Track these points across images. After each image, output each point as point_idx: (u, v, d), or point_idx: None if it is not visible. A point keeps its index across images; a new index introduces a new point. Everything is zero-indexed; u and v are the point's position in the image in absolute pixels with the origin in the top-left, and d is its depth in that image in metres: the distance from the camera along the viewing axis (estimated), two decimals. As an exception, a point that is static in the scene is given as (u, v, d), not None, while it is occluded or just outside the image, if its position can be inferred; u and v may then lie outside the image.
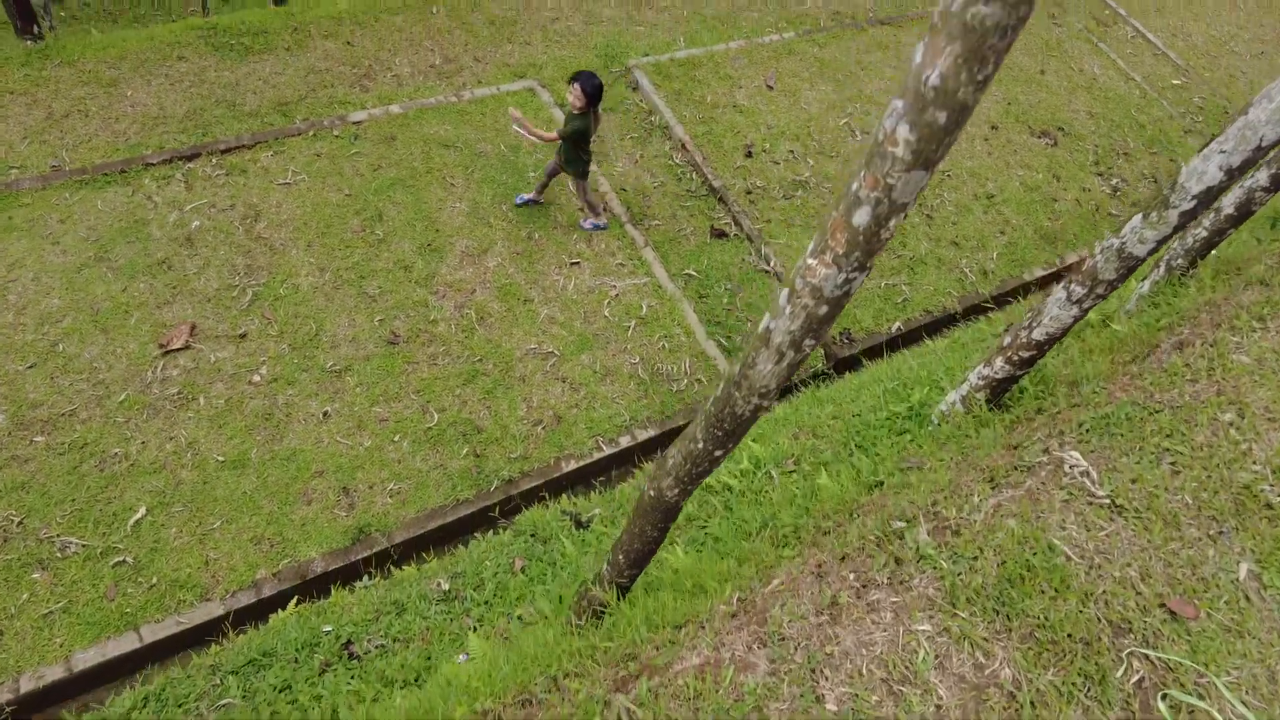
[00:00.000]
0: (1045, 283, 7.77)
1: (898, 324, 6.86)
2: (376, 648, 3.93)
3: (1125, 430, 2.60)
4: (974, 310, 7.21)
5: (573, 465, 5.68)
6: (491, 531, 4.75)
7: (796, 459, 4.11)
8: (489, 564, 4.29)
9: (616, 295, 6.62)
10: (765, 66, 8.97)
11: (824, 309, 1.37)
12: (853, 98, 8.90)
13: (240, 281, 6.10)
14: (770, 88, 8.66)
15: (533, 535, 4.53)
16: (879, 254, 1.32)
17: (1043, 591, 2.09)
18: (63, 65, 7.38)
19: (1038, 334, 3.33)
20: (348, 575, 5.07)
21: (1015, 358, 3.44)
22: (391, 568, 4.88)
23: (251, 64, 7.74)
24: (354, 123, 7.34)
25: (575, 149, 6.20)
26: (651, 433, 5.92)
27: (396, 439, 5.56)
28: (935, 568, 2.19)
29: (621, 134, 7.92)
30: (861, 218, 1.24)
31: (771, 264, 7.03)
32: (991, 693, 2.00)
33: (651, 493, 2.08)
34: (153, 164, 6.74)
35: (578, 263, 6.79)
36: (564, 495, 5.22)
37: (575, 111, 5.91)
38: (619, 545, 2.41)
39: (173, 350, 5.70)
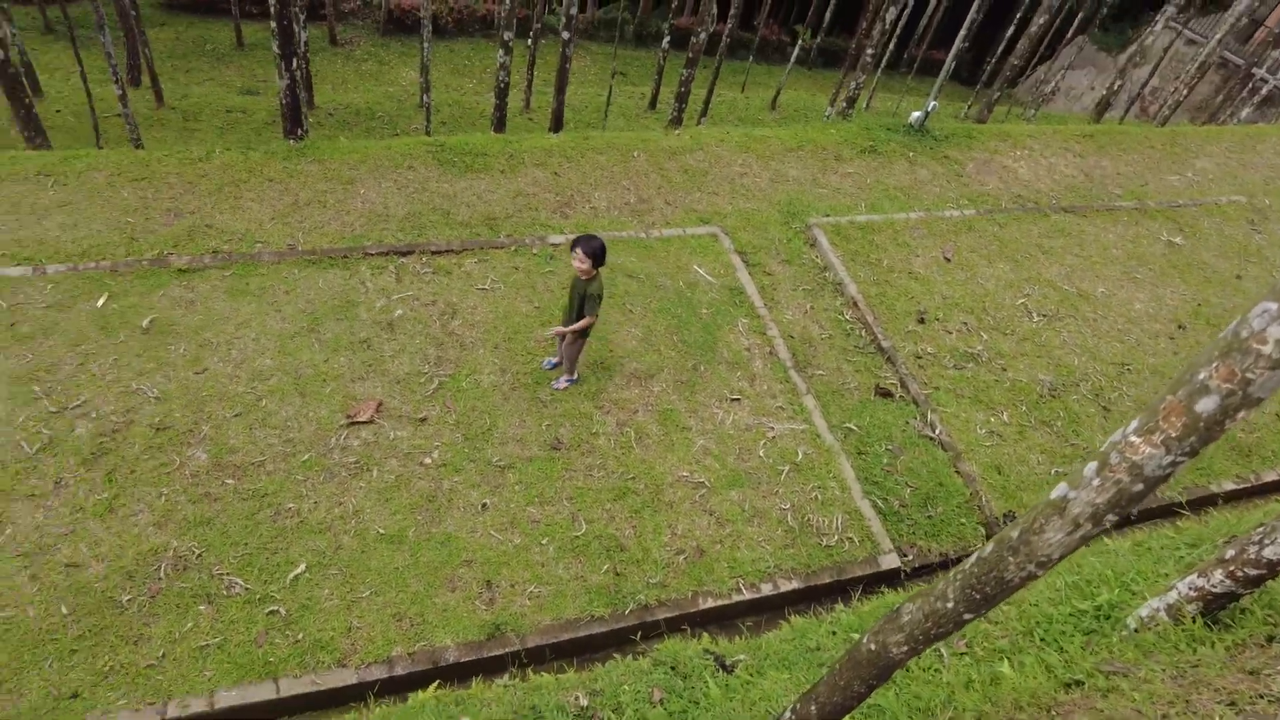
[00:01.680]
0: (1234, 497, 7.17)
1: (1066, 516, 6.47)
2: (507, 753, 3.87)
3: (1396, 680, 2.33)
4: (1152, 514, 6.72)
5: (711, 603, 5.56)
6: (631, 656, 4.66)
7: (968, 641, 3.87)
8: (627, 688, 4.20)
9: (773, 437, 6.63)
10: (943, 239, 9.12)
11: (1139, 487, 1.36)
12: (1030, 279, 8.84)
13: (429, 370, 6.56)
14: (947, 259, 8.76)
15: (672, 668, 4.42)
16: (1214, 442, 1.32)
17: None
18: (313, 162, 8.46)
19: (1269, 552, 3.08)
20: (476, 669, 5.08)
21: (1239, 574, 3.18)
22: (529, 671, 4.85)
23: (469, 180, 8.61)
24: (551, 244, 7.95)
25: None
26: (795, 585, 5.75)
27: (544, 542, 5.66)
28: (1176, 791, 1.99)
29: (794, 285, 8.17)
30: (1207, 406, 1.26)
31: (937, 431, 6.88)
32: None
33: (872, 646, 2.03)
34: (371, 255, 7.50)
35: (738, 399, 6.89)
36: (704, 633, 5.10)
37: (588, 278, 5.73)
38: (813, 696, 2.33)
39: (358, 422, 6.12)
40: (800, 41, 18.20)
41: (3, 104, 9.22)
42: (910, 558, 6.06)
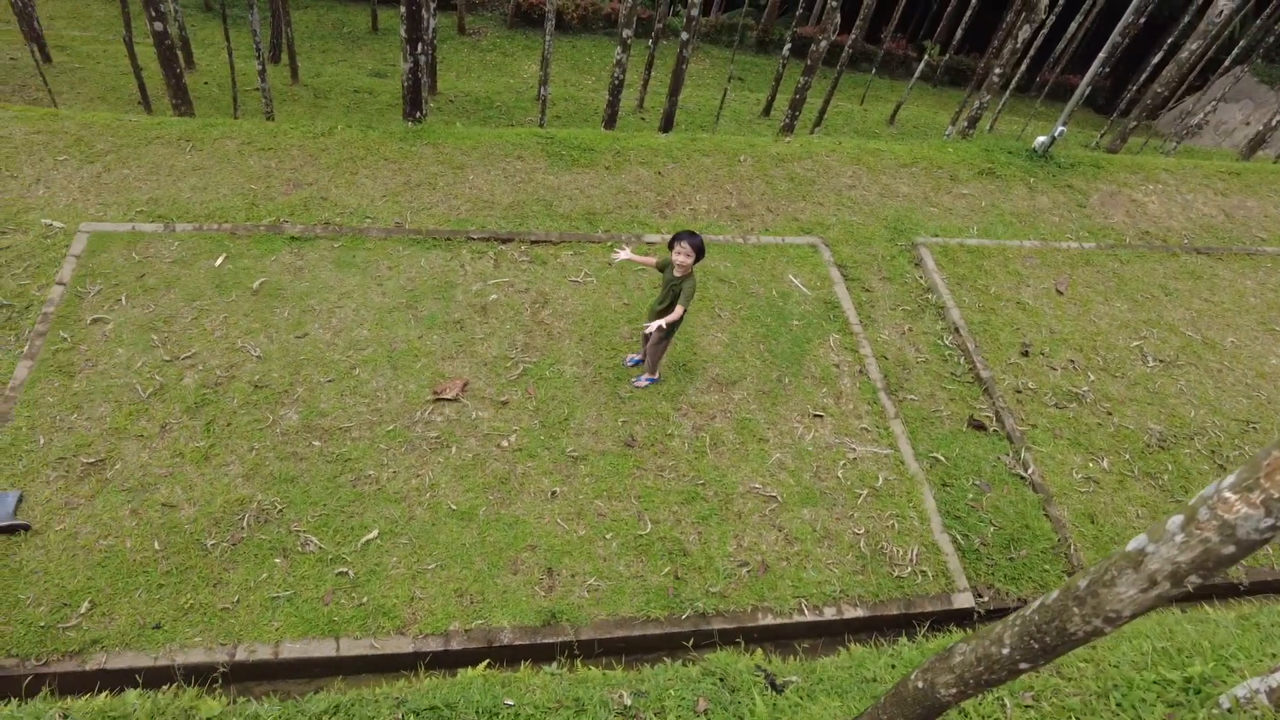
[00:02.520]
0: (1365, 583, 6.49)
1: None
2: (546, 741, 3.88)
3: None
4: (1267, 587, 6.17)
5: (770, 620, 5.43)
6: (681, 662, 4.60)
7: (1036, 694, 3.64)
8: (673, 694, 4.15)
9: (854, 459, 6.43)
10: (1058, 271, 8.64)
11: (1230, 549, 1.22)
12: (1149, 321, 8.27)
13: (515, 355, 6.68)
14: (1060, 292, 8.29)
15: (721, 680, 4.33)
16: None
17: None
18: (428, 145, 8.75)
19: (1394, 646, 2.76)
20: (527, 653, 5.13)
21: (1356, 665, 2.86)
22: (577, 662, 4.86)
23: (574, 174, 8.72)
24: (647, 244, 7.96)
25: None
26: (860, 613, 5.55)
27: (608, 537, 5.66)
28: None
29: (894, 304, 7.90)
30: (1318, 464, 1.11)
31: (1029, 471, 6.52)
32: None
33: (920, 684, 1.91)
34: (473, 239, 7.69)
35: (821, 416, 6.72)
36: (758, 649, 4.98)
37: (685, 273, 5.66)
38: (854, 726, 2.22)
39: (443, 399, 6.28)
40: (927, 58, 17.60)
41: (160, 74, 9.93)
42: (986, 599, 5.76)
